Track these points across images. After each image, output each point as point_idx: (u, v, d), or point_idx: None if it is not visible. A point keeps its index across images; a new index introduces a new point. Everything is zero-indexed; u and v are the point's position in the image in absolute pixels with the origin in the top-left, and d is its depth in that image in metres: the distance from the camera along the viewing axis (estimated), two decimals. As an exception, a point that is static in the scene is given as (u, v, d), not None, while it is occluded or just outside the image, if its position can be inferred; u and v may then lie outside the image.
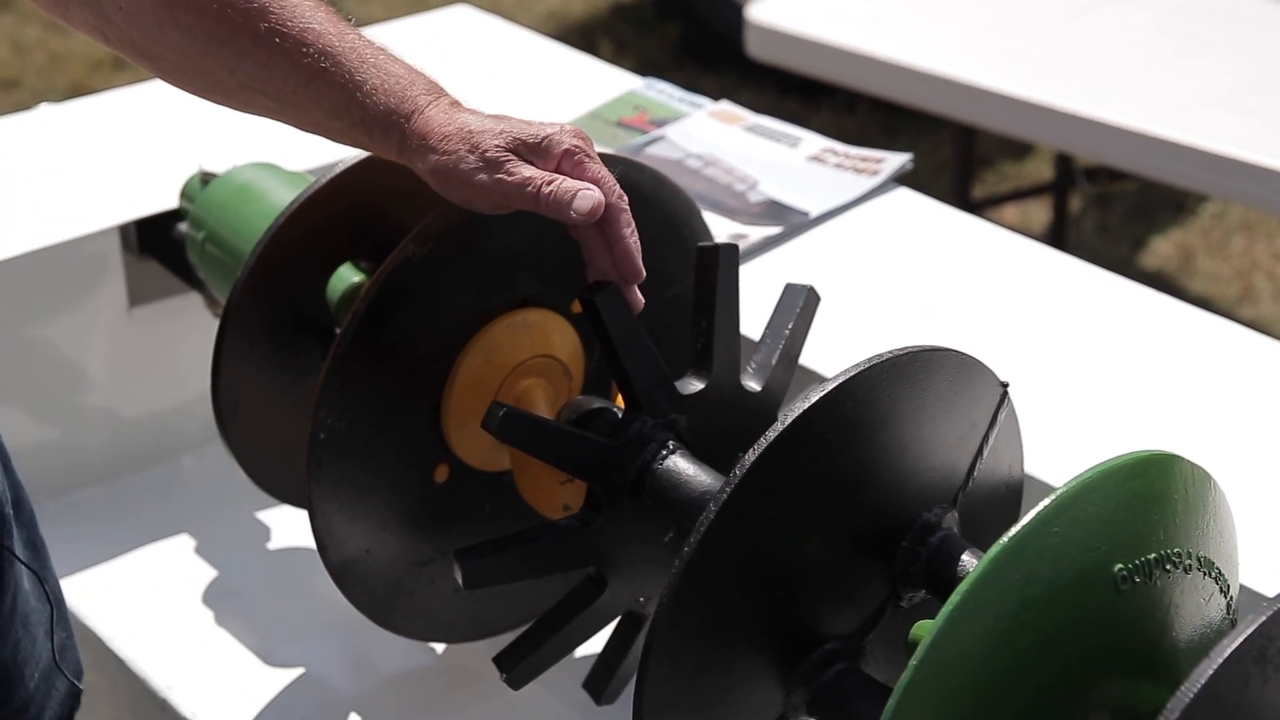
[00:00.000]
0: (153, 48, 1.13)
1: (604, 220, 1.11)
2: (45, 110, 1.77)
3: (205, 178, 1.46)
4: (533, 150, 1.10)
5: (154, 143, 1.69)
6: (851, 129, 3.73)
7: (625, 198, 1.12)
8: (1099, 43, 2.57)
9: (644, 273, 1.12)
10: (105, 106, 1.78)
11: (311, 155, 1.63)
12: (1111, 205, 3.57)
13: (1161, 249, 3.45)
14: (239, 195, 1.41)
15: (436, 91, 1.12)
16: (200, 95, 1.17)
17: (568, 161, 1.11)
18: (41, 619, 1.16)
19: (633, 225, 1.12)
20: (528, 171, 1.09)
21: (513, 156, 1.09)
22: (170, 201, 1.53)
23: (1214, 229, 3.51)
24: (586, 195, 1.08)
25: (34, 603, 1.15)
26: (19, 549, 1.13)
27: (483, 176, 1.09)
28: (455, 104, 1.12)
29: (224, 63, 1.12)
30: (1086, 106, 2.38)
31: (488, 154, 1.09)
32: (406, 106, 1.10)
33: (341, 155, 1.30)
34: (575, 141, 1.11)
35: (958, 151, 3.15)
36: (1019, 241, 1.62)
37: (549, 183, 1.09)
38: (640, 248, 1.12)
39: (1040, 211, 3.51)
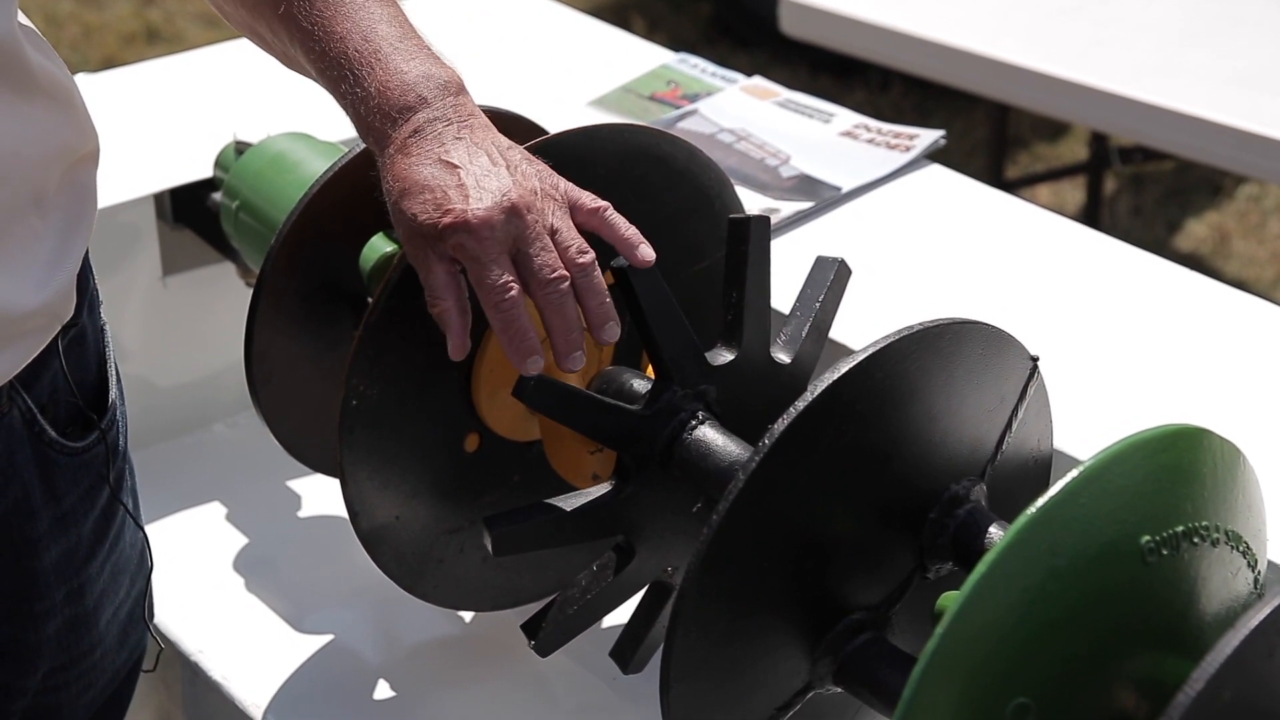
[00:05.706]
0: (219, 3, 1.18)
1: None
2: (80, 81, 1.77)
3: (239, 147, 1.46)
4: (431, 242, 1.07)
5: (188, 113, 1.70)
6: (885, 107, 3.72)
7: (587, 256, 1.08)
8: (1135, 21, 2.55)
9: (652, 257, 1.11)
10: (139, 77, 1.79)
11: (345, 125, 1.63)
12: (1146, 187, 3.55)
13: (1196, 231, 3.43)
14: (272, 165, 1.42)
15: (409, 113, 1.09)
16: (267, 51, 1.20)
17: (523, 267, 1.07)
18: (128, 567, 1.17)
19: (623, 226, 1.10)
20: (436, 284, 1.08)
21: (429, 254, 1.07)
22: (204, 171, 1.54)
23: (1250, 211, 3.48)
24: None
25: (129, 552, 1.17)
26: (126, 498, 1.15)
27: (413, 254, 1.09)
28: (410, 137, 1.08)
29: (265, 28, 1.15)
30: (1122, 85, 2.37)
31: (413, 233, 1.07)
32: (374, 137, 1.10)
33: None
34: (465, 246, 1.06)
35: (991, 131, 3.14)
36: (1050, 218, 1.61)
37: (432, 305, 1.08)
38: (640, 236, 1.11)
39: (1074, 193, 3.49)
